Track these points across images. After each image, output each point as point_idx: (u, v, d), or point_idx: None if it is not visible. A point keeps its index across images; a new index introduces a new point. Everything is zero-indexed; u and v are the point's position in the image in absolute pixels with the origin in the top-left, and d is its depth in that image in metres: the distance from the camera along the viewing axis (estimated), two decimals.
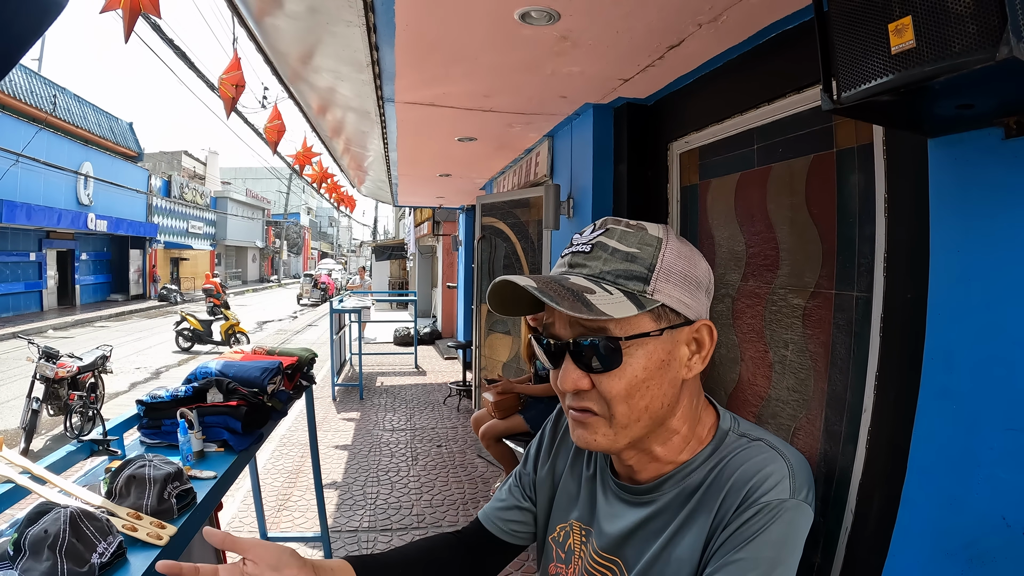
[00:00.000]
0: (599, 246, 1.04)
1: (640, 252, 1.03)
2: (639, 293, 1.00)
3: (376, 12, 2.86)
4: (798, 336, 2.81)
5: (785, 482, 0.97)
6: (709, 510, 1.01)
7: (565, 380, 1.02)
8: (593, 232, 1.07)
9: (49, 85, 24.22)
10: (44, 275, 25.20)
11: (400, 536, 5.13)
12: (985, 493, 1.65)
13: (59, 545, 1.55)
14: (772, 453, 1.01)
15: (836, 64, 1.52)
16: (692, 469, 1.08)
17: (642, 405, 1.02)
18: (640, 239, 1.04)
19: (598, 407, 1.02)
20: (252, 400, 2.82)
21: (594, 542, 1.18)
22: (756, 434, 1.09)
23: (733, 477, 1.00)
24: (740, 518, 0.95)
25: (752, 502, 0.95)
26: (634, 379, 1.00)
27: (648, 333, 1.00)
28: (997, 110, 1.53)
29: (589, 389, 1.02)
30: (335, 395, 10.34)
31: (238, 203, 48.62)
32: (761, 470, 0.98)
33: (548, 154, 5.77)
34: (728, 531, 0.96)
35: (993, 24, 1.17)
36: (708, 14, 2.77)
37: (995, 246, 1.64)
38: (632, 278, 1.01)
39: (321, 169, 10.82)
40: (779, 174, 3.00)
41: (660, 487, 1.09)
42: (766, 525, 0.93)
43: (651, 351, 1.01)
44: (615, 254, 1.02)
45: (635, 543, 1.11)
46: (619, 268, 1.01)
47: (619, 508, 1.16)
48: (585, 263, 1.03)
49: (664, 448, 1.09)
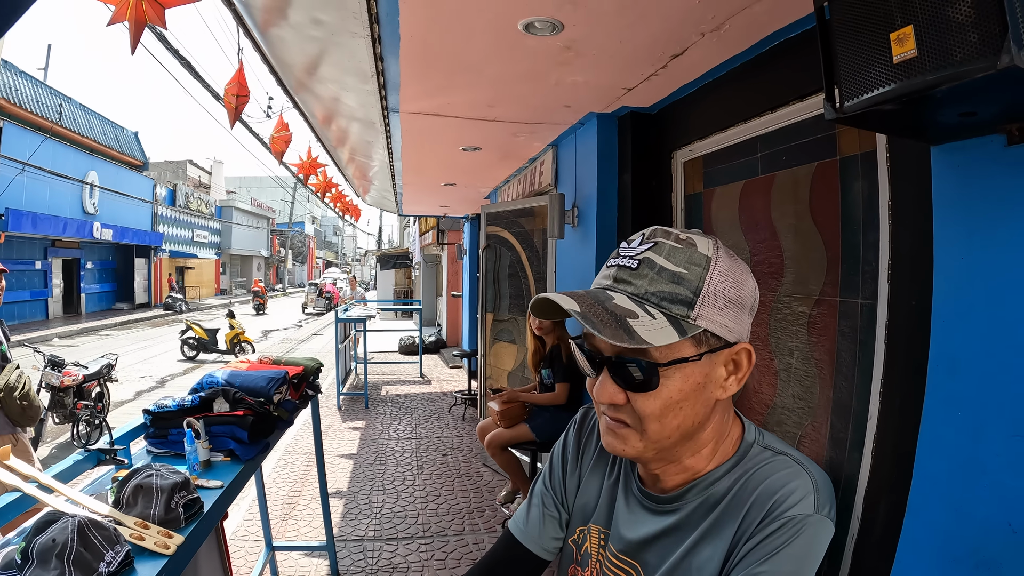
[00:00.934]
0: (646, 263, 1.02)
1: (687, 273, 1.01)
2: (682, 318, 0.99)
3: (381, 23, 2.87)
4: (803, 344, 2.82)
5: (809, 497, 0.98)
6: (732, 521, 1.02)
7: (602, 393, 1.03)
8: (641, 244, 1.05)
9: (55, 94, 24.28)
10: (50, 283, 25.25)
11: (406, 545, 5.12)
12: (991, 499, 1.65)
13: (67, 554, 1.55)
14: (797, 468, 1.03)
15: (839, 73, 1.52)
16: (716, 479, 1.08)
17: (674, 424, 1.03)
18: (688, 257, 1.02)
19: (631, 420, 1.04)
20: (258, 410, 2.83)
21: (612, 546, 1.19)
22: (780, 447, 1.10)
23: (758, 490, 1.01)
24: (763, 531, 0.96)
25: (776, 516, 0.96)
26: (669, 400, 1.01)
27: (687, 358, 1.00)
28: (999, 117, 1.54)
29: (624, 404, 1.03)
30: (340, 404, 10.33)
31: (243, 212, 48.69)
32: (786, 484, 0.99)
33: (552, 163, 5.78)
34: (751, 544, 0.97)
35: (994, 32, 1.17)
36: (711, 23, 2.78)
37: (999, 253, 1.64)
38: (677, 302, 0.99)
39: (326, 178, 10.85)
40: (783, 182, 3.00)
41: (683, 496, 1.10)
42: (789, 540, 0.94)
43: (688, 374, 1.01)
44: (662, 273, 1.01)
45: (656, 550, 1.11)
46: (664, 290, 1.00)
47: (641, 514, 1.16)
48: (631, 280, 1.02)
49: (692, 459, 1.10)
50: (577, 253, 5.03)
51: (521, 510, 1.40)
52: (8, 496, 1.95)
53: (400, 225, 39.51)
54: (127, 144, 30.50)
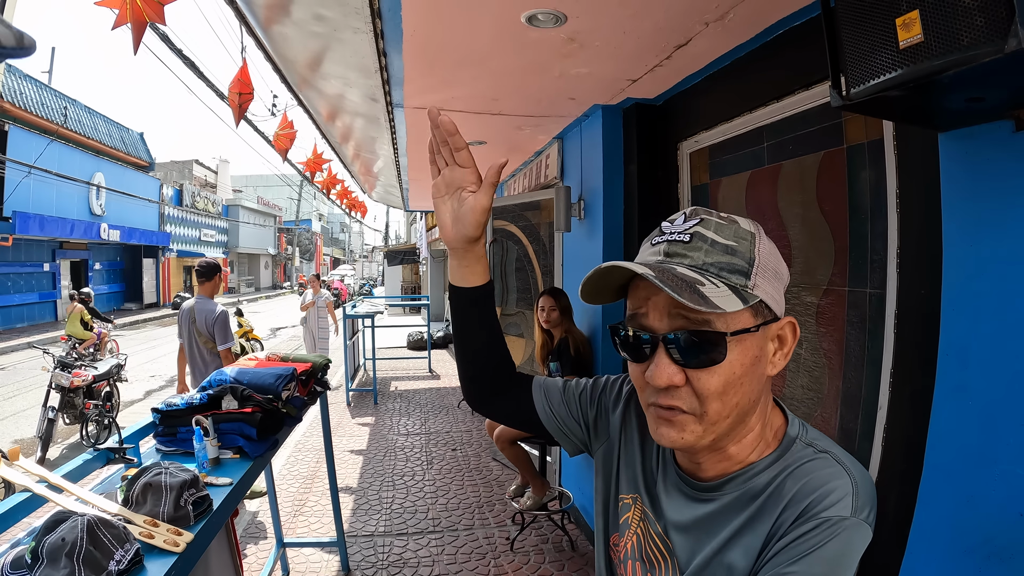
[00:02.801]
0: (698, 236, 1.01)
1: (738, 246, 1.01)
2: (741, 288, 0.98)
3: (383, 18, 2.86)
4: (811, 334, 2.81)
5: (848, 499, 0.94)
6: (768, 518, 0.99)
7: (659, 375, 0.99)
8: (687, 221, 1.04)
9: (60, 97, 24.31)
10: (58, 285, 25.32)
11: (416, 540, 5.13)
12: (1002, 490, 1.65)
13: (77, 553, 1.56)
14: (838, 468, 0.99)
15: (844, 60, 1.52)
16: (757, 472, 1.05)
17: (734, 402, 1.00)
18: (735, 232, 1.02)
19: (687, 404, 1.00)
20: (267, 406, 2.83)
21: (655, 526, 1.17)
22: (823, 445, 1.05)
23: (796, 488, 0.98)
24: (797, 531, 0.93)
25: (812, 516, 0.93)
26: (732, 375, 0.98)
27: (749, 329, 0.99)
28: (1007, 103, 1.53)
29: (683, 385, 0.99)
30: (349, 400, 10.34)
31: (250, 211, 48.72)
32: (825, 484, 0.96)
33: (558, 156, 5.77)
34: (784, 542, 0.94)
35: (1001, 16, 1.16)
36: (715, 12, 2.77)
37: (1008, 240, 1.63)
38: (735, 271, 0.99)
39: (331, 175, 10.85)
40: (789, 171, 2.99)
41: (723, 487, 1.07)
42: (823, 542, 0.91)
43: (748, 347, 0.99)
44: (715, 246, 1.00)
45: (690, 538, 1.09)
46: (721, 260, 0.99)
47: (679, 500, 1.14)
48: (686, 253, 1.01)
49: (737, 447, 1.06)
50: (584, 246, 5.02)
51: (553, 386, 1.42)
52: (19, 496, 1.96)
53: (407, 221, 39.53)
54: (133, 145, 30.54)
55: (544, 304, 5.10)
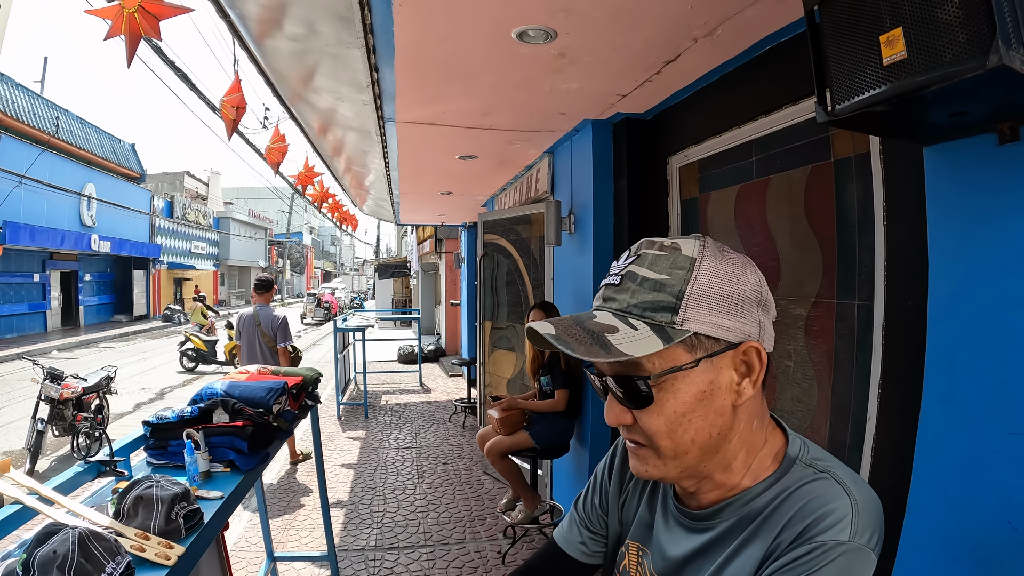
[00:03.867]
0: (628, 276, 1.00)
1: (669, 279, 0.97)
2: (666, 325, 0.95)
3: (375, 33, 2.88)
4: (800, 346, 2.82)
5: (846, 521, 0.90)
6: (763, 541, 0.96)
7: (609, 415, 1.03)
8: (627, 259, 1.03)
9: (52, 107, 24.26)
10: (48, 296, 25.25)
11: (407, 554, 5.12)
12: (990, 498, 1.66)
13: (68, 566, 1.55)
14: (838, 489, 0.95)
15: (830, 76, 1.54)
16: (754, 496, 1.02)
17: (687, 439, 0.98)
18: (672, 263, 0.99)
19: (644, 439, 1.01)
20: (258, 420, 2.83)
21: (650, 564, 1.16)
22: (824, 464, 1.01)
23: (793, 511, 0.94)
24: (792, 554, 0.90)
25: (807, 539, 0.90)
26: (673, 414, 0.97)
27: (681, 367, 0.96)
28: (991, 117, 1.55)
29: (632, 423, 1.01)
30: (340, 414, 10.33)
31: (241, 223, 48.66)
32: (823, 507, 0.92)
33: (548, 170, 5.80)
34: (777, 565, 0.90)
35: (982, 32, 1.19)
36: (703, 28, 2.79)
37: (993, 251, 1.65)
38: (659, 309, 0.96)
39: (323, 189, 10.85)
40: (778, 185, 3.01)
41: (719, 514, 1.05)
42: (817, 567, 0.87)
43: (689, 383, 0.97)
44: (644, 284, 0.98)
45: (691, 570, 1.07)
46: (646, 300, 0.97)
47: (678, 533, 1.12)
48: (615, 296, 1.01)
49: (725, 474, 1.04)
50: (574, 260, 5.04)
51: (565, 519, 1.41)
52: (9, 508, 1.95)
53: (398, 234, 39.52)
54: (124, 156, 30.49)
55: (535, 318, 5.11)
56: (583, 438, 5.03)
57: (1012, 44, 1.17)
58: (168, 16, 3.30)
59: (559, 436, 5.06)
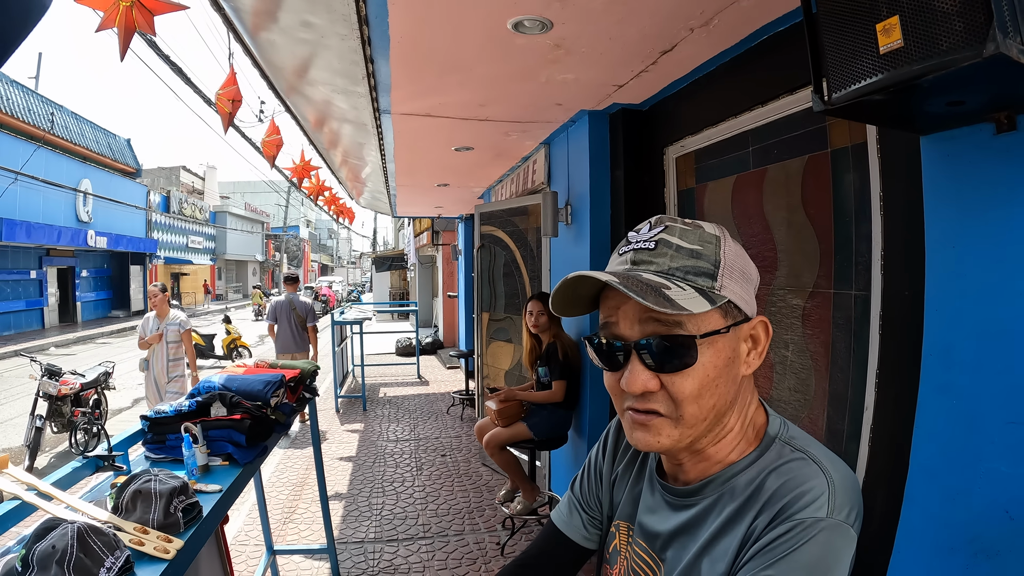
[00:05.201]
0: (663, 243, 1.03)
1: (703, 249, 1.02)
2: (708, 289, 0.99)
3: (371, 25, 2.87)
4: (798, 336, 2.83)
5: (823, 499, 0.92)
6: (744, 521, 0.98)
7: (633, 382, 1.00)
8: (652, 230, 1.06)
9: (46, 103, 24.17)
10: (45, 293, 25.21)
11: (407, 546, 5.13)
12: (988, 487, 1.66)
13: (67, 560, 1.56)
14: (814, 468, 0.97)
15: (826, 65, 1.53)
16: (736, 472, 1.05)
17: (710, 404, 1.01)
18: (700, 236, 1.04)
19: (664, 408, 1.00)
20: (255, 413, 2.83)
21: (639, 541, 1.18)
22: (800, 444, 1.04)
23: (771, 491, 0.96)
24: (771, 533, 0.91)
25: (786, 518, 0.91)
26: (706, 378, 0.99)
27: (719, 330, 1.00)
28: (987, 106, 1.55)
29: (657, 390, 1.00)
30: (338, 407, 10.34)
31: (237, 217, 48.57)
32: (800, 486, 0.94)
33: (545, 161, 5.79)
34: (758, 546, 0.92)
35: (979, 21, 1.18)
36: (700, 18, 2.79)
37: (990, 241, 1.65)
38: (700, 274, 1.00)
39: (319, 182, 10.83)
40: (775, 175, 3.01)
41: (702, 490, 1.08)
42: (798, 544, 0.89)
43: (720, 348, 1.00)
44: (680, 251, 1.02)
45: (676, 546, 1.09)
46: (687, 264, 1.01)
47: (664, 511, 1.14)
48: (652, 260, 1.02)
49: (716, 447, 1.07)
50: (572, 251, 5.04)
51: (562, 502, 1.43)
52: (8, 504, 1.95)
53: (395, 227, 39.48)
54: (120, 151, 30.39)
55: (532, 309, 5.12)
56: (581, 429, 5.04)
57: (1009, 32, 1.17)
58: (163, 12, 3.30)
59: (557, 427, 5.06)
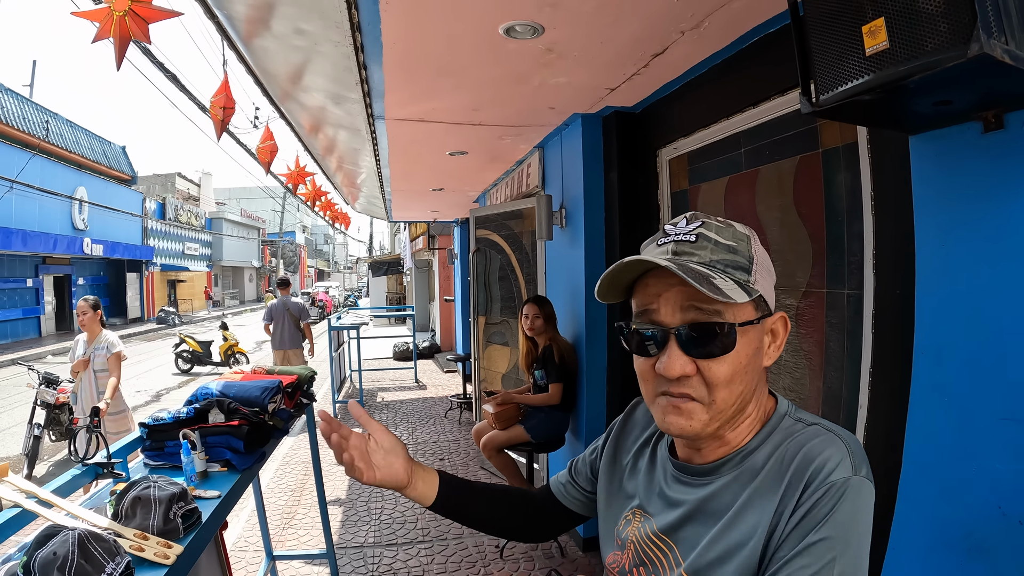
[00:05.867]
0: (703, 237, 1.09)
1: (738, 245, 1.09)
2: (744, 283, 1.06)
3: (363, 31, 2.89)
4: (793, 336, 2.84)
5: (846, 460, 0.99)
6: (772, 495, 1.03)
7: (671, 366, 1.05)
8: (690, 224, 1.12)
9: (41, 111, 24.15)
10: (41, 301, 25.16)
11: (406, 550, 5.13)
12: (981, 484, 1.68)
13: (68, 567, 1.56)
14: (829, 435, 1.04)
15: (813, 67, 1.55)
16: (751, 451, 1.11)
17: (739, 390, 1.07)
18: (734, 234, 1.10)
19: (697, 393, 1.06)
20: (253, 419, 2.84)
21: (652, 524, 1.21)
22: (811, 419, 1.12)
23: (795, 462, 1.03)
24: (808, 502, 0.98)
25: (818, 485, 0.98)
26: (738, 365, 1.06)
27: (752, 321, 1.07)
28: (975, 105, 1.57)
29: (693, 375, 1.06)
30: (336, 412, 10.33)
31: (233, 223, 48.50)
32: (822, 452, 1.01)
33: (539, 165, 5.81)
34: (797, 516, 0.98)
35: (964, 21, 1.20)
36: (690, 21, 2.81)
37: (979, 239, 1.67)
38: (738, 268, 1.07)
39: (315, 187, 10.85)
40: (767, 176, 3.03)
41: (719, 469, 1.13)
42: (836, 505, 0.96)
43: (751, 339, 1.07)
44: (719, 245, 1.08)
45: (693, 525, 1.13)
46: (725, 258, 1.07)
47: (678, 490, 1.19)
48: (694, 252, 1.08)
49: (734, 432, 1.13)
50: (567, 253, 5.05)
51: (563, 472, 1.54)
52: (8, 512, 1.96)
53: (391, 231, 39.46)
54: (115, 158, 30.36)
55: (528, 312, 5.13)
56: (578, 431, 5.05)
57: (993, 33, 1.19)
58: (157, 20, 3.31)
59: (554, 429, 5.07)
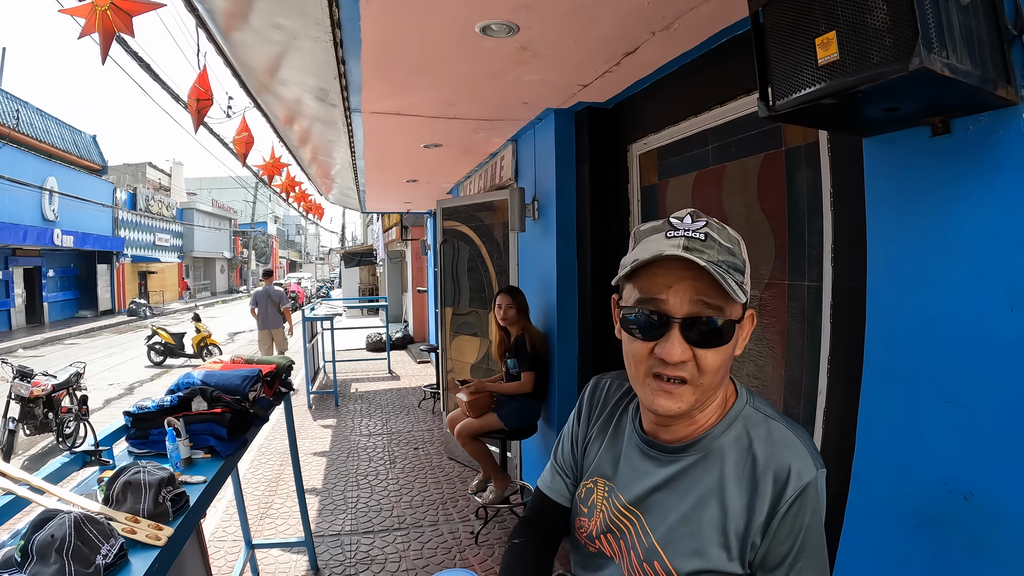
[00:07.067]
0: (710, 237, 1.18)
1: (733, 248, 1.21)
2: (740, 284, 1.16)
3: (343, 28, 2.94)
4: (756, 326, 2.93)
5: (808, 459, 1.17)
6: (745, 486, 1.20)
7: (672, 352, 1.16)
8: (695, 221, 1.21)
9: (11, 100, 23.75)
10: (11, 293, 24.77)
11: (382, 537, 5.21)
12: (928, 464, 1.78)
13: (65, 548, 1.64)
14: (790, 435, 1.22)
15: (771, 73, 1.65)
16: (717, 435, 1.25)
17: (720, 376, 1.21)
18: (728, 236, 1.22)
19: (690, 376, 1.18)
20: (236, 407, 2.90)
21: (619, 496, 1.34)
22: (769, 411, 1.29)
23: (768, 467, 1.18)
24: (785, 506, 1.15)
25: (793, 491, 1.15)
26: (726, 356, 1.19)
27: (741, 318, 1.21)
28: (922, 112, 1.67)
29: (689, 361, 1.17)
30: (311, 403, 10.36)
31: (204, 214, 47.91)
32: (792, 460, 1.17)
33: (512, 158, 5.88)
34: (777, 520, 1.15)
35: (907, 37, 1.30)
36: (660, 22, 2.90)
37: (926, 235, 1.77)
38: (735, 269, 1.18)
39: (289, 178, 10.84)
40: (733, 173, 3.13)
41: (686, 449, 1.27)
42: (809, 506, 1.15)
43: (738, 332, 1.21)
44: (722, 247, 1.18)
45: (659, 499, 1.27)
46: (727, 260, 1.17)
47: (646, 465, 1.32)
48: (704, 250, 1.16)
49: (703, 413, 1.26)
50: (539, 245, 5.14)
51: (546, 470, 1.60)
52: (1, 499, 2.02)
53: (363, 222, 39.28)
54: (85, 148, 29.93)
55: (501, 302, 5.19)
56: (550, 419, 5.14)
57: (934, 48, 1.29)
58: (140, 12, 3.34)
59: (527, 417, 5.15)
